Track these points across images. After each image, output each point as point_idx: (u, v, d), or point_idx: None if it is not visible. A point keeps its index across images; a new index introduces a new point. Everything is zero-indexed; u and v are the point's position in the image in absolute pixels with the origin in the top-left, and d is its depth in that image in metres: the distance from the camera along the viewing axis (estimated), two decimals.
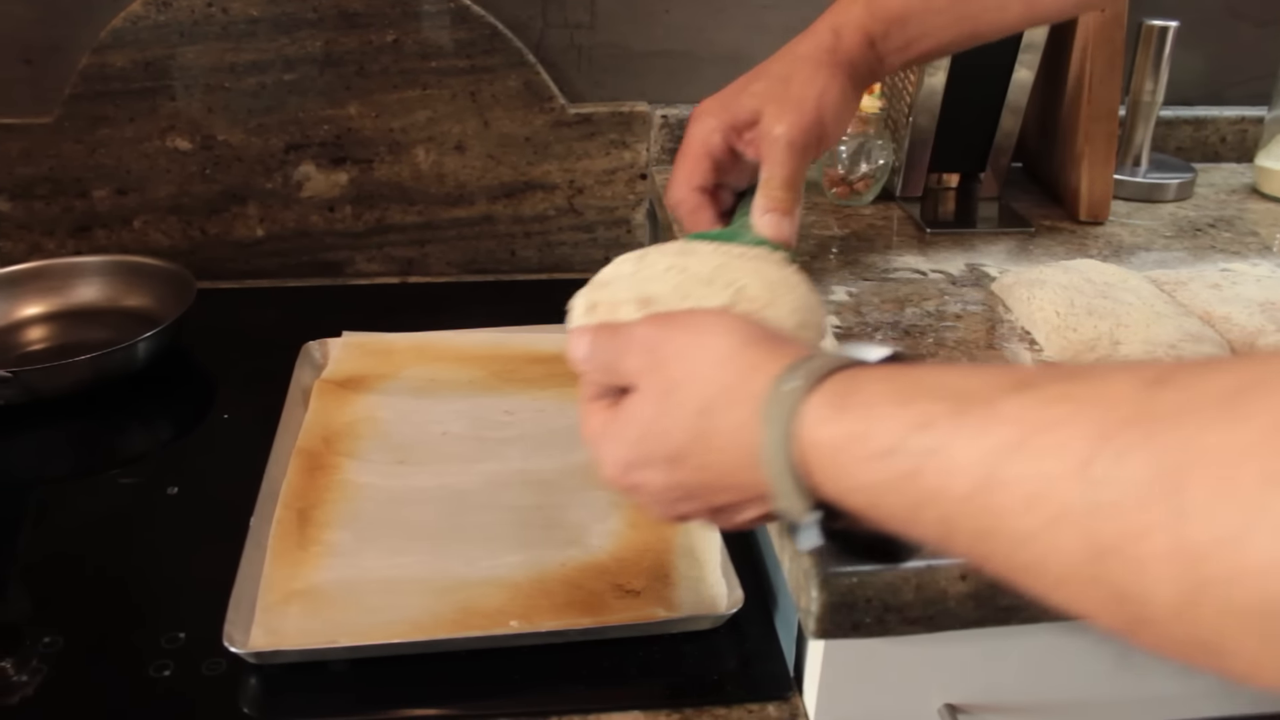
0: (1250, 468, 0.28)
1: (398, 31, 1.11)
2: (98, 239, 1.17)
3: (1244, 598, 0.29)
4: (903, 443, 0.39)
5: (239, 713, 0.62)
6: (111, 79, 1.10)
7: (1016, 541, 0.35)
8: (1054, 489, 0.33)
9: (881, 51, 0.76)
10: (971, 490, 0.36)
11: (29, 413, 0.92)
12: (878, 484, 0.40)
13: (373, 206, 1.18)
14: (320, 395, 0.90)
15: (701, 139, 0.75)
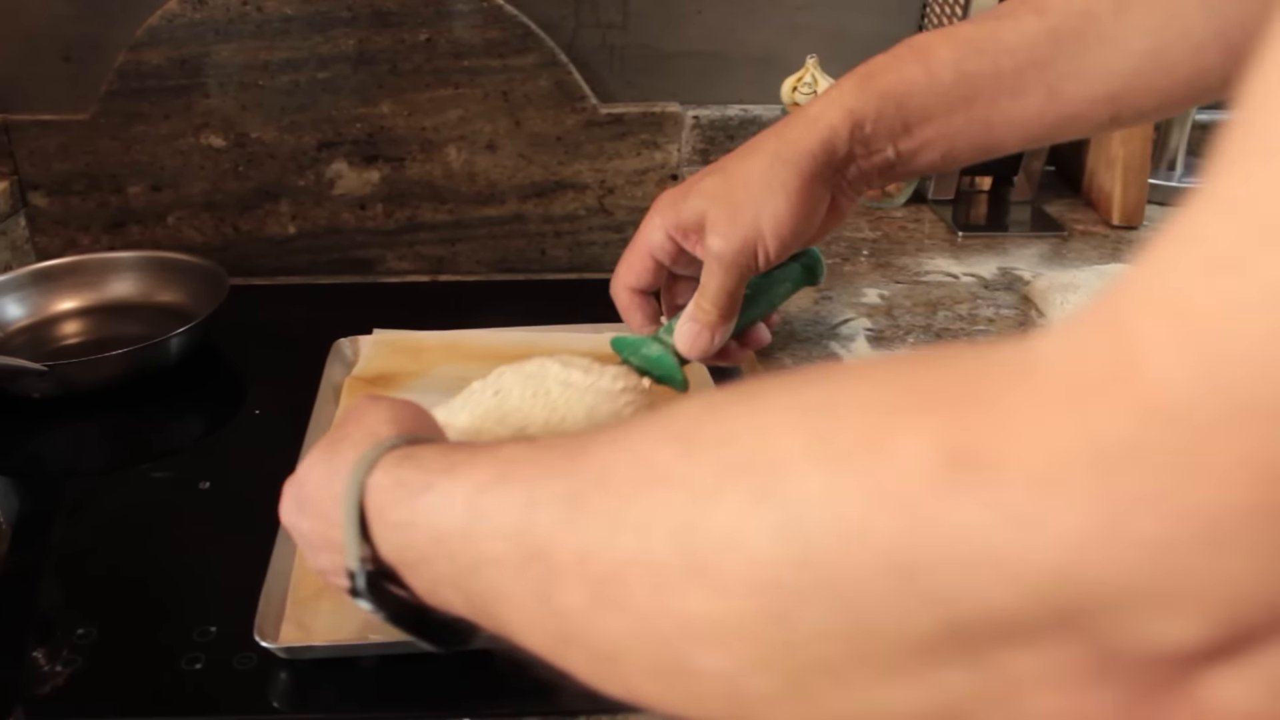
0: (627, 478, 0.33)
1: (431, 30, 1.11)
2: (132, 235, 1.18)
3: (616, 596, 0.32)
4: (431, 482, 0.44)
5: (269, 706, 0.62)
6: (147, 76, 1.10)
7: (494, 573, 0.39)
8: (509, 516, 0.38)
9: (873, 139, 0.65)
10: (462, 521, 0.41)
11: (63, 406, 0.93)
12: (406, 522, 0.45)
13: (404, 205, 1.19)
14: (350, 392, 0.91)
15: (647, 236, 0.70)
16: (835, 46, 1.18)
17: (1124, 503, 0.22)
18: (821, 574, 0.27)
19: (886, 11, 1.19)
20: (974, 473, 0.24)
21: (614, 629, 0.33)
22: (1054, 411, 0.23)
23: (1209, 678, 0.23)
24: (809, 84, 1.03)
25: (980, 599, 0.24)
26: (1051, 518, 0.23)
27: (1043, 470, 0.23)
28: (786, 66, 1.12)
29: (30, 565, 0.75)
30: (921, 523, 0.25)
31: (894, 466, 0.25)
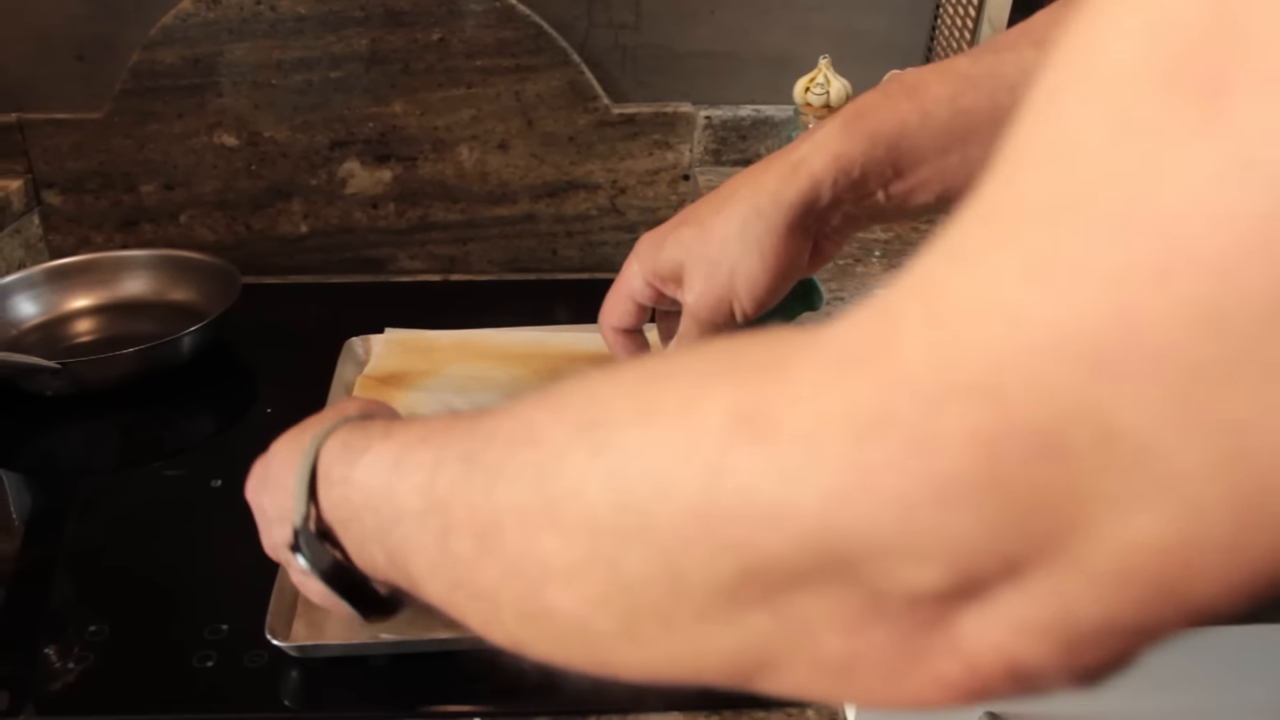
0: (503, 448, 0.37)
1: (443, 30, 1.11)
2: (145, 233, 1.18)
3: (500, 548, 0.36)
4: (368, 445, 0.47)
5: (280, 704, 0.63)
6: (161, 75, 1.11)
7: (405, 532, 0.43)
8: (420, 481, 0.42)
9: (861, 184, 0.61)
10: (385, 482, 0.44)
11: (76, 404, 0.93)
12: (341, 480, 0.48)
13: (416, 204, 1.19)
14: (362, 391, 0.91)
15: (627, 280, 0.69)
16: (848, 47, 1.18)
17: (874, 464, 0.24)
18: (641, 520, 0.30)
19: (899, 12, 1.18)
20: (757, 431, 0.27)
21: (493, 574, 0.36)
22: (825, 379, 0.26)
23: (960, 619, 0.26)
24: (821, 84, 1.03)
25: (765, 546, 0.27)
26: (815, 474, 0.25)
27: (810, 431, 0.26)
28: (799, 67, 1.11)
29: (42, 562, 0.76)
30: (716, 476, 0.27)
31: (698, 424, 0.28)
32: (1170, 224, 0.20)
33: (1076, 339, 0.21)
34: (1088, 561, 0.23)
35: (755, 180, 0.63)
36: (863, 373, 0.25)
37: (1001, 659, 0.26)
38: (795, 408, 0.26)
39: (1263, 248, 0.19)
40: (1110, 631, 0.24)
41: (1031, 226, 0.22)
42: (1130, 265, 0.20)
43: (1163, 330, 0.20)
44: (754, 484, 0.27)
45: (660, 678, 0.34)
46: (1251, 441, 0.20)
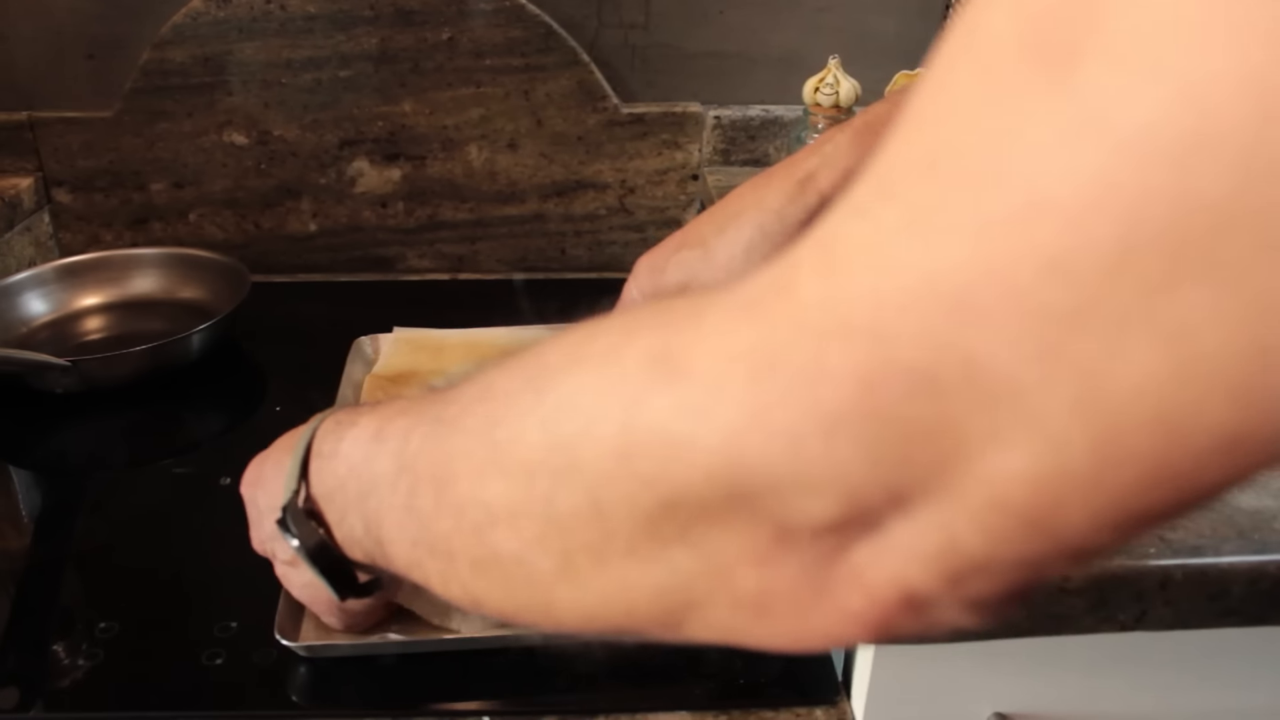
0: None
1: (453, 29, 1.11)
2: (154, 231, 1.18)
3: (452, 507, 0.38)
4: (354, 419, 0.49)
5: (289, 702, 0.63)
6: (171, 74, 1.11)
7: (379, 499, 0.45)
8: (371, 453, 0.45)
9: None
10: (363, 458, 0.46)
11: (86, 401, 0.93)
12: (328, 453, 0.50)
13: (425, 203, 1.19)
14: (371, 390, 0.91)
15: (628, 305, 0.70)
16: (857, 47, 1.18)
17: (766, 400, 0.26)
18: (570, 458, 0.32)
19: (908, 12, 1.18)
20: (668, 370, 0.29)
21: (448, 525, 0.38)
22: (729, 321, 0.28)
23: (857, 550, 0.27)
24: (831, 85, 1.03)
25: (677, 480, 0.28)
26: (716, 410, 0.27)
27: (712, 369, 0.27)
28: (808, 67, 1.11)
29: (52, 559, 0.76)
30: (632, 413, 0.29)
31: (620, 366, 0.30)
32: (1026, 178, 0.21)
33: (945, 284, 0.23)
34: (965, 493, 0.24)
35: (759, 198, 0.63)
36: (761, 315, 0.27)
37: (897, 588, 0.27)
38: (701, 348, 0.28)
39: (1106, 199, 0.20)
40: (992, 562, 0.25)
41: (911, 182, 0.24)
42: (992, 216, 0.22)
43: (1019, 276, 0.22)
44: (664, 421, 0.28)
45: (598, 622, 0.35)
46: (1105, 383, 0.21)
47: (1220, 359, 0.20)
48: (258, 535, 0.61)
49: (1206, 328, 0.20)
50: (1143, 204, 0.20)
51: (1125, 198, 0.20)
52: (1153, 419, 0.21)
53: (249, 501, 0.61)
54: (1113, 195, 0.20)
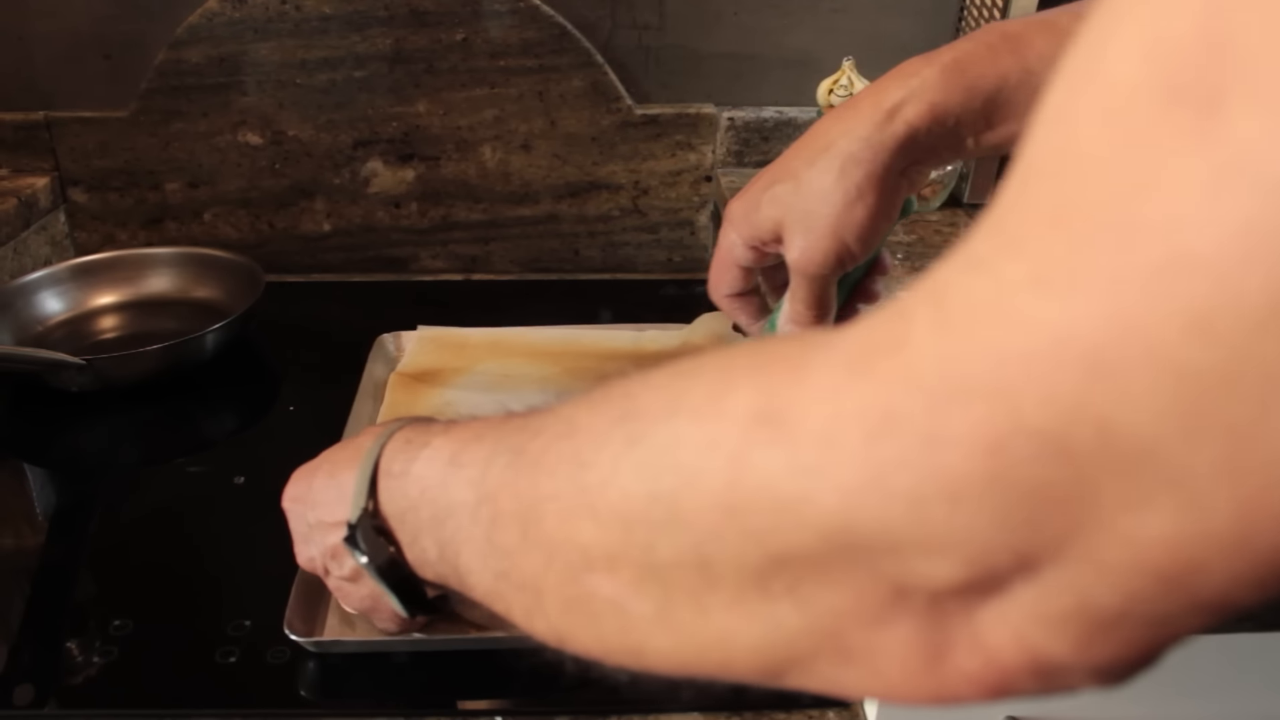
0: (553, 460, 0.37)
1: (467, 30, 1.12)
2: (169, 231, 1.19)
3: (543, 552, 0.37)
4: (428, 440, 0.49)
5: (302, 700, 0.63)
6: (186, 74, 1.11)
7: (458, 527, 0.44)
8: (471, 480, 0.44)
9: (955, 132, 0.61)
10: (440, 480, 0.46)
11: (101, 400, 0.94)
12: (400, 473, 0.50)
13: (438, 203, 1.19)
14: (394, 388, 0.91)
15: (727, 250, 0.69)
16: (871, 48, 1.17)
17: (885, 461, 0.25)
18: (670, 511, 0.31)
19: (922, 13, 1.18)
20: (776, 428, 0.28)
21: (536, 562, 0.37)
22: (839, 378, 0.27)
23: (980, 612, 0.26)
24: (845, 86, 1.03)
25: (788, 536, 0.28)
26: (831, 470, 0.26)
27: (825, 428, 0.27)
28: (822, 68, 1.11)
29: (67, 557, 0.76)
30: (738, 470, 0.29)
31: (721, 420, 0.30)
32: (1166, 231, 0.20)
33: (1076, 342, 0.22)
34: (1100, 555, 0.23)
35: (846, 128, 0.62)
36: (874, 373, 0.26)
37: (1022, 651, 0.26)
38: (811, 406, 0.27)
39: (1255, 253, 0.19)
40: (1125, 623, 0.24)
41: (1037, 235, 0.23)
42: (1128, 271, 0.21)
43: (1159, 334, 0.21)
44: (774, 479, 0.28)
45: (692, 669, 0.34)
46: (1253, 444, 0.20)
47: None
48: (305, 551, 0.61)
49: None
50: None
51: (1276, 249, 0.19)
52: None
53: (294, 516, 0.61)
54: (1262, 247, 0.19)
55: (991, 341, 0.23)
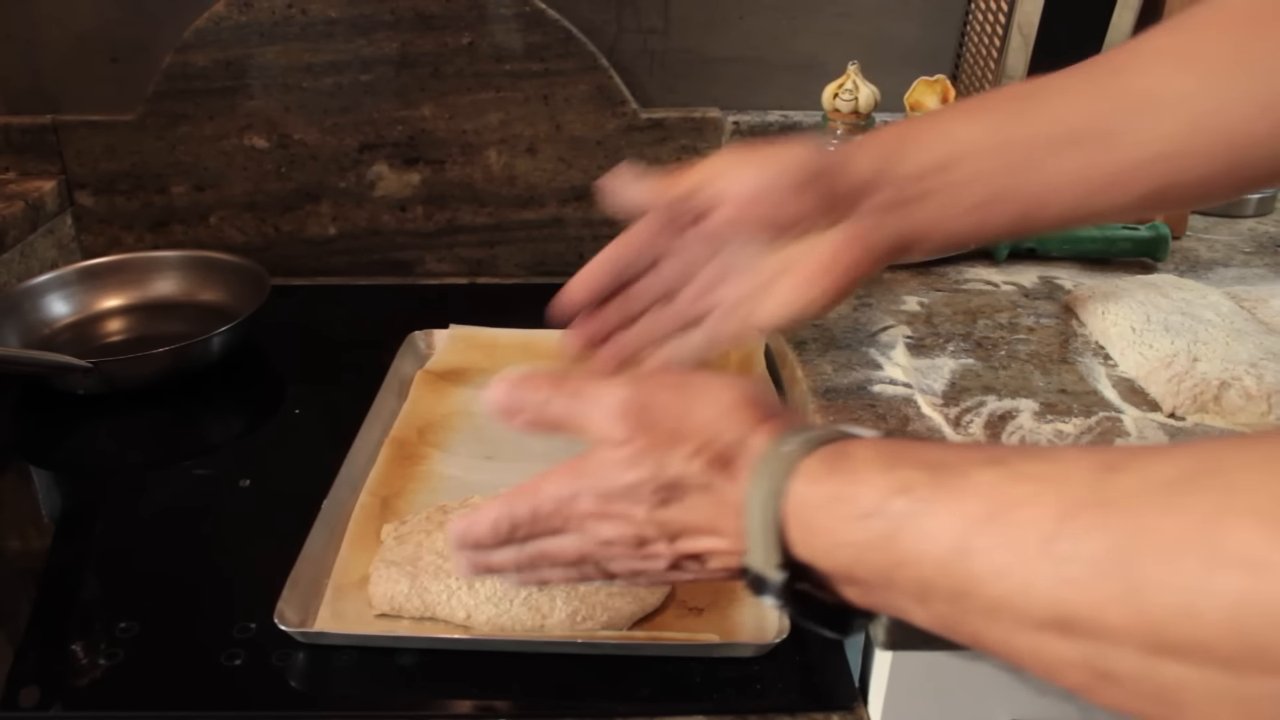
0: (1191, 553, 0.33)
1: (473, 34, 1.12)
2: (175, 234, 1.19)
3: (1201, 659, 0.33)
4: (883, 505, 0.42)
5: (308, 703, 0.63)
6: (193, 78, 1.12)
7: (990, 605, 0.39)
8: (1022, 560, 0.37)
9: (903, 165, 0.63)
10: (946, 555, 0.39)
11: (107, 403, 0.94)
12: (859, 542, 0.43)
13: (444, 207, 1.19)
14: (420, 385, 0.92)
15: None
16: (877, 53, 1.17)
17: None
18: None
19: (928, 18, 1.18)
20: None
21: (1183, 679, 0.34)
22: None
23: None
24: (850, 90, 1.03)
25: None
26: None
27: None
28: (828, 73, 1.11)
29: (73, 560, 0.76)
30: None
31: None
32: None
33: None
34: None
35: None
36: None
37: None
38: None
39: None
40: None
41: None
42: None
43: None
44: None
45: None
46: None
47: None
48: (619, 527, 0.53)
49: None
50: None
51: None
52: None
53: (608, 520, 0.53)
54: None
55: None
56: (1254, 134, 0.58)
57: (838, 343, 0.81)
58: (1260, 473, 0.33)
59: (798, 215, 0.63)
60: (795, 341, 0.82)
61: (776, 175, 0.63)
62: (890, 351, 0.80)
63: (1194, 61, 0.59)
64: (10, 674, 0.65)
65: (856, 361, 0.79)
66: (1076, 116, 0.61)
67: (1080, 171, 0.61)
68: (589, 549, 0.54)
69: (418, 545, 0.69)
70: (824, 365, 0.78)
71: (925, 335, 0.82)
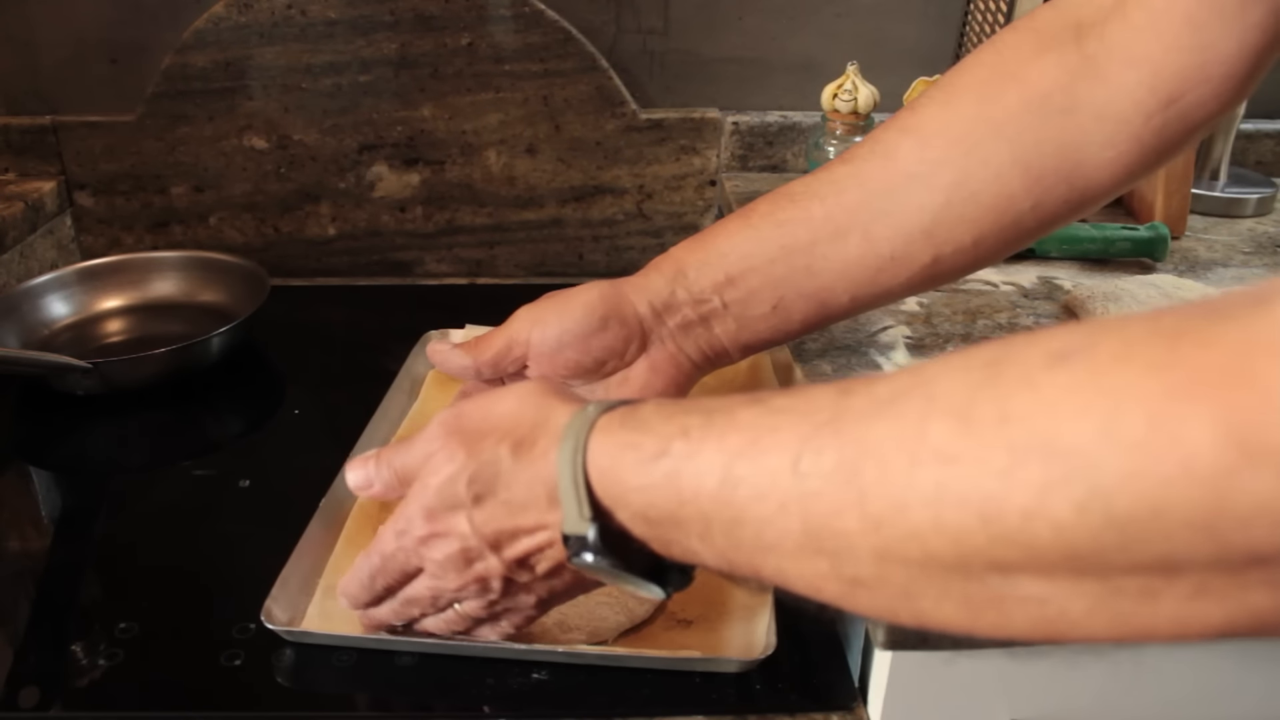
0: (899, 454, 0.36)
1: (472, 35, 1.12)
2: (174, 235, 1.19)
3: (918, 554, 0.36)
4: (667, 447, 0.46)
5: (308, 704, 0.63)
6: (192, 78, 1.12)
7: (757, 528, 0.42)
8: (774, 482, 0.41)
9: (695, 284, 0.69)
10: (717, 487, 0.43)
11: (106, 403, 0.94)
12: (649, 485, 0.46)
13: (443, 208, 1.20)
14: (432, 385, 0.91)
15: None
16: (876, 53, 1.18)
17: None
18: (1128, 535, 0.31)
19: (927, 18, 1.18)
20: (1261, 453, 0.28)
21: (909, 575, 0.37)
22: None
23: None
24: (849, 90, 1.03)
25: (1275, 539, 0.29)
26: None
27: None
28: (827, 73, 1.11)
29: (73, 560, 0.76)
30: (1222, 496, 0.29)
31: (1189, 452, 0.29)
32: None
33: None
34: None
35: None
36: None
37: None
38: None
39: None
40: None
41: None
42: None
43: None
44: (1265, 500, 0.28)
45: (1118, 643, 0.37)
46: None
47: None
48: (463, 575, 0.56)
49: None
50: None
51: None
52: None
53: (440, 540, 0.56)
54: None
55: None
56: (1010, 193, 0.63)
57: (837, 343, 0.81)
58: (957, 378, 0.36)
59: (603, 353, 0.70)
60: (794, 342, 0.82)
61: (576, 321, 0.70)
62: (890, 351, 0.80)
63: (934, 137, 0.64)
64: (10, 674, 0.65)
65: (856, 362, 0.79)
66: (835, 212, 0.66)
67: (857, 261, 0.66)
68: (435, 584, 0.57)
69: None
70: (824, 365, 0.78)
71: (925, 335, 0.82)
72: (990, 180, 0.62)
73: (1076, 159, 0.62)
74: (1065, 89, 0.61)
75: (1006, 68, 0.64)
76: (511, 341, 0.72)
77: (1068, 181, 0.62)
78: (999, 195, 0.63)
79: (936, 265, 0.66)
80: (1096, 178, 0.62)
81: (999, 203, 0.63)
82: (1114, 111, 0.60)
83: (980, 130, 0.63)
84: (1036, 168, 0.62)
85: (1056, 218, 0.64)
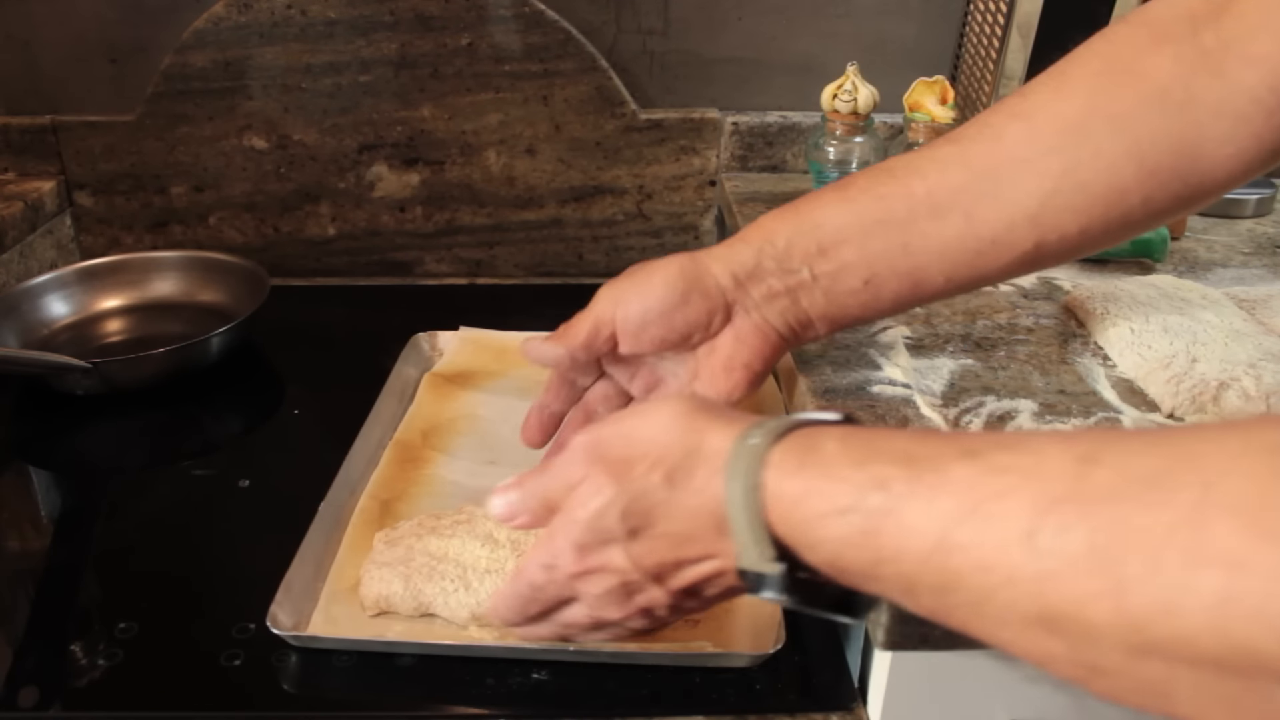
0: (1171, 550, 0.33)
1: (472, 35, 1.12)
2: (174, 234, 1.19)
3: (1184, 656, 0.33)
4: (860, 502, 0.42)
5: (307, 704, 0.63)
6: (192, 78, 1.12)
7: (975, 599, 0.39)
8: (1003, 555, 0.37)
9: (786, 257, 0.66)
10: (928, 551, 0.39)
11: (106, 403, 0.94)
12: (839, 538, 0.43)
13: (443, 208, 1.19)
14: (428, 388, 0.91)
15: None
16: (875, 54, 1.18)
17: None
18: None
19: (928, 19, 1.18)
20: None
21: (1170, 672, 0.35)
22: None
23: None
24: (849, 91, 1.03)
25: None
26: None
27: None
28: (826, 73, 1.11)
29: (72, 560, 0.76)
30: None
31: None
32: None
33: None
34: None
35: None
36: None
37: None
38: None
39: None
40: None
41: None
42: None
43: None
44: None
45: None
46: None
47: None
48: (626, 605, 0.54)
49: None
50: None
51: None
52: None
53: (597, 576, 0.53)
54: None
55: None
56: (1121, 185, 0.61)
57: (837, 343, 0.81)
58: (1239, 465, 0.33)
59: (687, 327, 0.68)
60: None
61: (657, 299, 0.68)
62: (889, 352, 0.80)
63: (1046, 124, 0.62)
64: (10, 674, 0.65)
65: (856, 362, 0.79)
66: (937, 190, 0.64)
67: (956, 242, 0.64)
68: (596, 615, 0.55)
69: (409, 549, 0.69)
70: (823, 365, 0.78)
71: (924, 335, 0.82)
72: (1102, 170, 0.61)
73: (1193, 155, 0.60)
74: (1182, 83, 0.59)
75: (1121, 60, 0.62)
76: (598, 323, 0.70)
77: (1182, 178, 0.61)
78: (1110, 187, 0.61)
79: (1038, 251, 0.64)
80: (1212, 174, 0.60)
81: (1109, 194, 0.61)
82: (1232, 108, 0.58)
83: (1094, 121, 0.61)
84: (1151, 162, 0.60)
85: (1165, 212, 0.63)
